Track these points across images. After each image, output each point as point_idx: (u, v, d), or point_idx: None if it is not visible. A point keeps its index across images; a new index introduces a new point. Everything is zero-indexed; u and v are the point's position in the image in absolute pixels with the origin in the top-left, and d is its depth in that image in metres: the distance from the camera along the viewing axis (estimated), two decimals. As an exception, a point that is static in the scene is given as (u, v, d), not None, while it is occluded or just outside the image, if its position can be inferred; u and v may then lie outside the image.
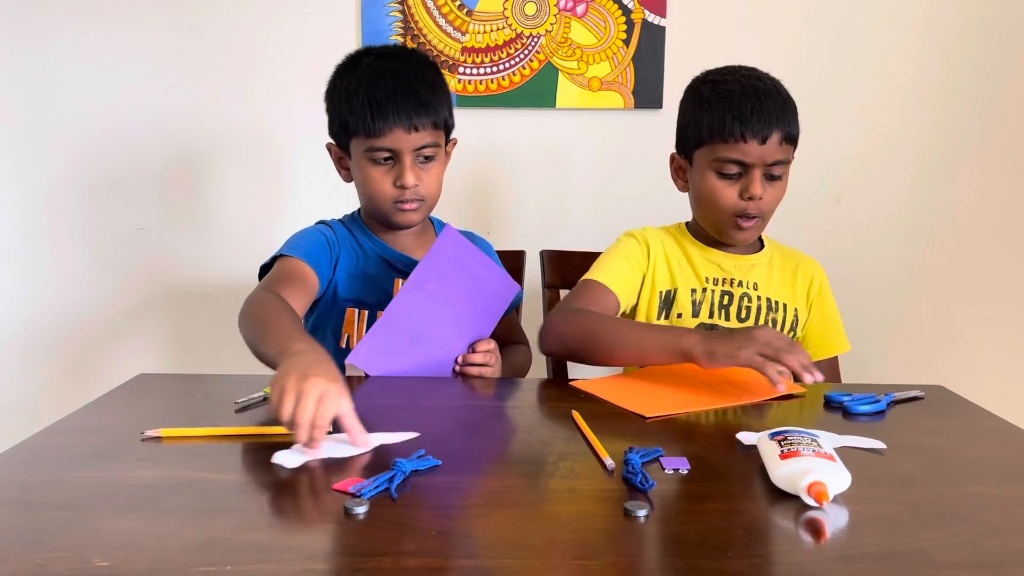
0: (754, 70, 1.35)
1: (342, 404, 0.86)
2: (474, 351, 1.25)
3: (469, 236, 1.47)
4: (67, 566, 0.62)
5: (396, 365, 1.19)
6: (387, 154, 1.29)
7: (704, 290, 1.37)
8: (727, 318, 1.36)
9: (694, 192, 1.38)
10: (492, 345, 1.27)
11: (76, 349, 2.10)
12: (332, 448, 0.86)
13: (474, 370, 1.24)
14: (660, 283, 1.39)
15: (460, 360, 1.25)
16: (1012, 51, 1.99)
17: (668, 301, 1.38)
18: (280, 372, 0.89)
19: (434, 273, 1.18)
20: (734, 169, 1.30)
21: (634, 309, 1.41)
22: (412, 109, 1.27)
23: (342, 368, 1.11)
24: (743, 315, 1.36)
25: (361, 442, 0.86)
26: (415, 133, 1.28)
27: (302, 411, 0.83)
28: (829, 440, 0.85)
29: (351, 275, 1.37)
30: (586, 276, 1.37)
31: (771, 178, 1.31)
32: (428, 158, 1.32)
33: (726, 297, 1.37)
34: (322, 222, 1.44)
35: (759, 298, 1.37)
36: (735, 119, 1.27)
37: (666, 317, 1.38)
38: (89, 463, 0.84)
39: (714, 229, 1.38)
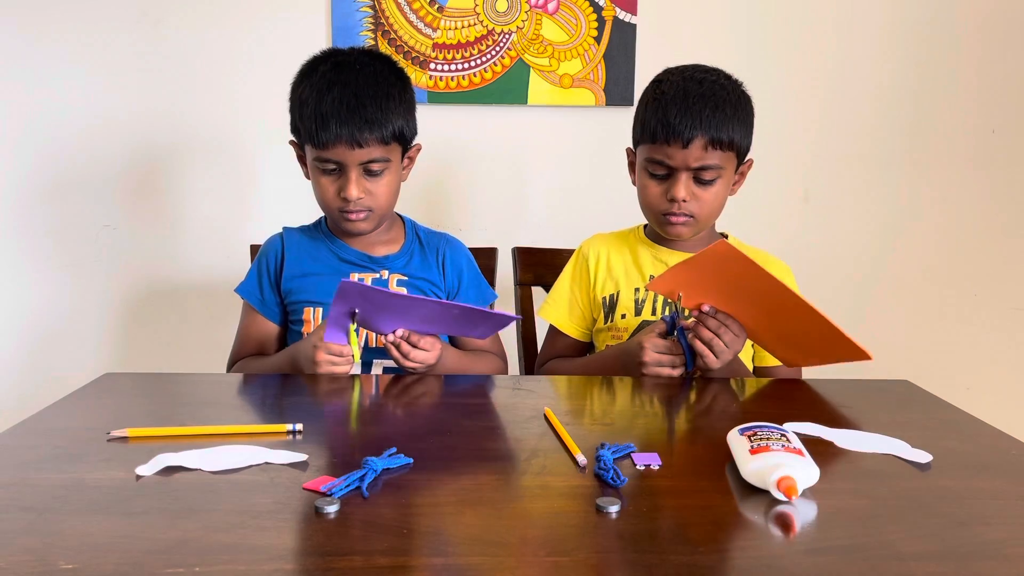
0: (708, 71, 1.34)
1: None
2: (414, 344, 1.20)
3: (444, 238, 1.46)
4: (31, 569, 0.61)
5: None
6: (333, 165, 1.30)
7: (648, 289, 1.38)
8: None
9: (637, 187, 1.40)
10: (431, 356, 1.22)
11: (40, 348, 2.06)
12: (217, 458, 0.83)
13: (405, 357, 1.20)
14: (602, 290, 1.43)
15: (400, 334, 1.19)
16: (977, 52, 2.03)
17: (611, 305, 1.41)
18: (301, 363, 1.21)
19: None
20: (661, 170, 1.32)
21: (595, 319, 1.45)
22: (357, 126, 1.26)
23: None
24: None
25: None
26: (359, 149, 1.27)
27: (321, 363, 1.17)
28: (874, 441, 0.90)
29: (305, 275, 1.38)
30: (542, 310, 1.49)
31: (702, 182, 1.31)
32: (376, 172, 1.31)
33: None
34: (280, 232, 1.44)
35: None
36: (659, 122, 1.29)
37: (612, 320, 1.40)
38: (54, 464, 0.82)
39: (653, 223, 1.40)
